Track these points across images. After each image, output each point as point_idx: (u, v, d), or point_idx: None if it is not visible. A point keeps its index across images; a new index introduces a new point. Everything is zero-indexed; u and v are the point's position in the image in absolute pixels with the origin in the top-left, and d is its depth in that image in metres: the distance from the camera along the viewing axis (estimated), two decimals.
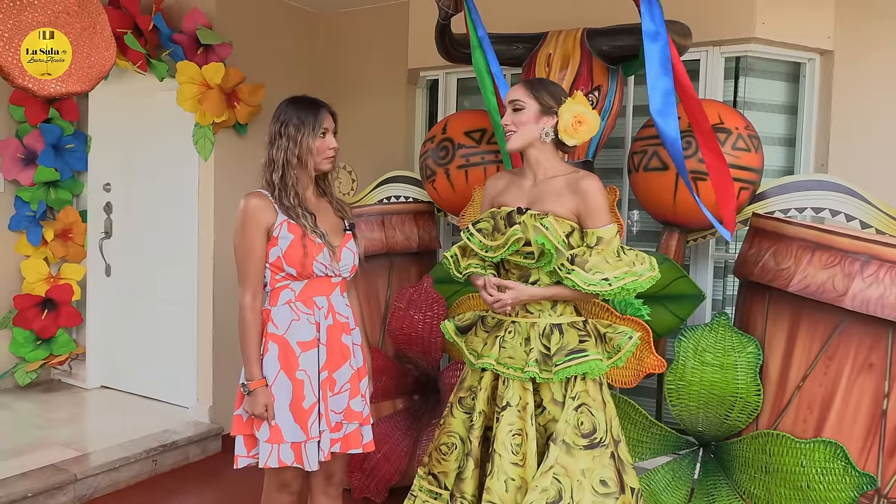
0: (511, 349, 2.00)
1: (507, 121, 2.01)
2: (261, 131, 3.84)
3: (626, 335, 2.01)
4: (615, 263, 1.91)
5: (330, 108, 2.11)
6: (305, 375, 2.03)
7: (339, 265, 2.08)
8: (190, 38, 3.55)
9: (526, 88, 2.00)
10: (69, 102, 4.28)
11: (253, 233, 2.02)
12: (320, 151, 2.07)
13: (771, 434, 2.32)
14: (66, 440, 3.46)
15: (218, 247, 3.76)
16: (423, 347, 2.99)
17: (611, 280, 1.90)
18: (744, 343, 2.42)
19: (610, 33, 2.69)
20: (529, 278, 2.01)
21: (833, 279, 2.21)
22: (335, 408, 2.08)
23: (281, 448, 2.02)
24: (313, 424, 2.02)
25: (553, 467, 1.89)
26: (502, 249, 1.99)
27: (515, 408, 1.96)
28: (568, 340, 1.97)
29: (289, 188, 2.04)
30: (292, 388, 2.02)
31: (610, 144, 3.00)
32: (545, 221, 1.93)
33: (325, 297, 2.08)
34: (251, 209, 2.03)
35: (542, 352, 1.97)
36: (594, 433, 1.94)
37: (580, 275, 1.90)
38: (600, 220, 1.94)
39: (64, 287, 4.29)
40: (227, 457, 3.66)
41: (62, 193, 4.31)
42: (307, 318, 2.06)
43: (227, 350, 3.79)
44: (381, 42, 4.05)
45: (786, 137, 3.21)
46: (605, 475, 1.93)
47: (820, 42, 3.02)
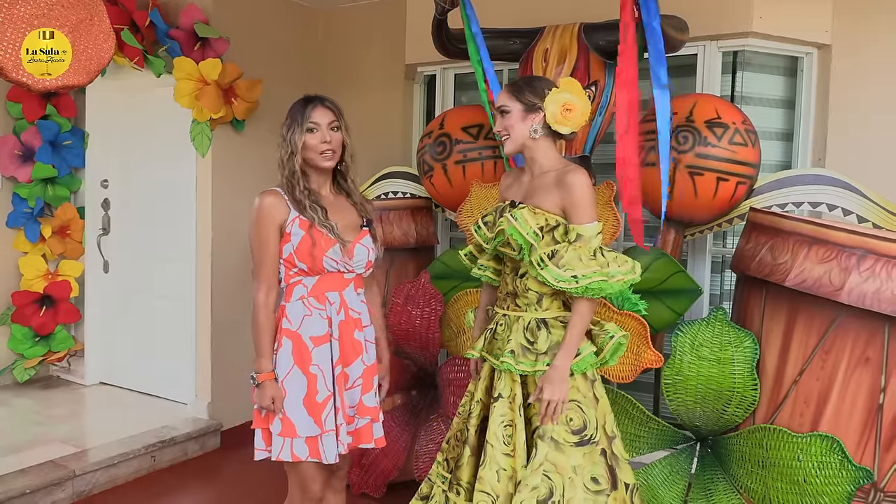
0: (501, 340, 2.05)
1: (498, 127, 2.05)
2: (258, 127, 3.85)
3: (609, 334, 1.99)
4: (587, 262, 1.89)
5: (327, 101, 2.09)
6: (319, 370, 2.05)
7: (351, 261, 2.09)
8: (187, 33, 3.54)
9: (508, 92, 2.03)
10: (66, 99, 4.28)
11: (267, 229, 2.04)
12: (311, 147, 2.05)
13: (768, 428, 2.33)
14: (64, 436, 3.46)
15: (216, 243, 3.76)
16: (421, 343, 3.00)
17: (578, 277, 1.87)
18: (741, 338, 2.42)
19: (607, 28, 2.69)
20: (520, 270, 2.03)
21: (830, 273, 2.21)
22: (348, 402, 2.11)
23: (294, 442, 2.03)
24: (328, 417, 2.04)
25: (543, 464, 1.90)
26: (493, 241, 2.05)
27: (507, 399, 1.99)
28: (556, 338, 1.98)
29: (295, 186, 2.05)
30: (307, 383, 2.04)
31: (607, 140, 3.00)
32: (516, 213, 1.95)
33: (337, 292, 2.09)
34: (265, 206, 2.04)
35: (522, 344, 1.99)
36: (584, 430, 1.96)
37: (551, 271, 1.90)
38: (584, 216, 1.91)
39: (62, 284, 4.29)
40: (226, 453, 3.68)
41: (60, 190, 4.31)
42: (319, 314, 2.07)
43: (225, 346, 3.79)
44: (378, 37, 4.04)
45: (783, 132, 3.21)
46: (596, 472, 1.94)
47: (817, 36, 3.02)
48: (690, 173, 2.61)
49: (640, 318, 2.39)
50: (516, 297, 2.04)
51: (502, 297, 2.11)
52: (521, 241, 1.94)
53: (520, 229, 1.93)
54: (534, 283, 2.01)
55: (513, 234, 1.94)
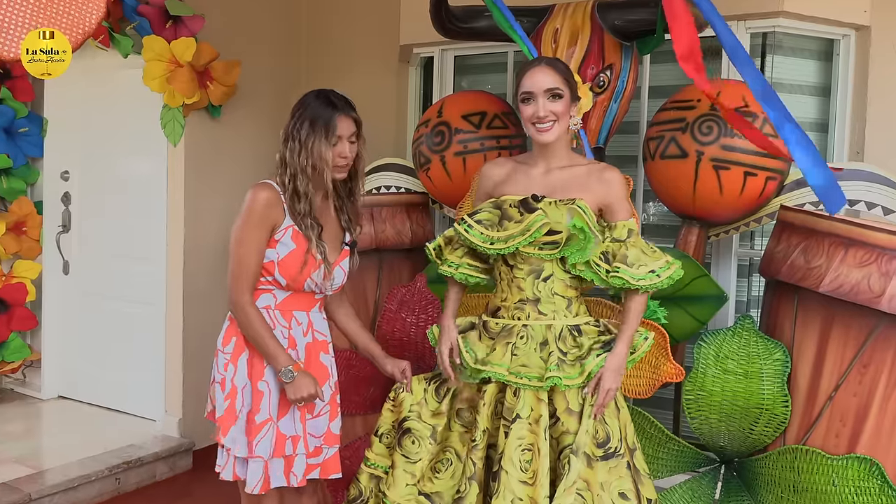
0: (524, 356, 2.00)
1: (543, 111, 1.99)
2: (236, 114, 3.84)
3: (642, 335, 2.07)
4: (653, 255, 2.01)
5: (351, 111, 2.09)
6: (267, 388, 2.08)
7: (328, 283, 2.13)
8: (157, 9, 3.53)
9: (559, 73, 2.03)
10: (23, 81, 4.26)
11: (259, 228, 2.04)
12: (328, 160, 2.06)
13: (800, 450, 2.33)
14: (19, 456, 3.45)
15: (189, 241, 3.75)
16: (417, 353, 2.99)
17: (657, 271, 1.99)
18: (770, 349, 2.43)
19: (624, 6, 2.69)
20: (542, 273, 2.02)
21: (869, 279, 2.22)
22: (314, 432, 2.14)
23: (237, 461, 2.08)
24: (260, 443, 2.05)
25: (576, 482, 1.90)
26: (520, 238, 1.97)
27: (526, 420, 1.96)
28: (583, 340, 2.02)
29: (301, 195, 2.06)
30: (251, 399, 2.07)
31: (623, 130, 3.00)
32: (581, 203, 1.96)
33: (305, 312, 2.15)
34: (262, 202, 2.04)
35: (559, 357, 1.98)
36: (608, 442, 1.97)
37: (626, 271, 1.97)
38: (627, 211, 2.04)
39: (17, 286, 4.27)
40: (198, 475, 3.67)
41: (15, 182, 4.29)
42: (281, 330, 2.10)
43: (198, 356, 3.78)
44: (369, 14, 4.04)
45: (817, 122, 3.22)
46: (624, 487, 1.95)
47: (855, 16, 3.03)
48: (715, 167, 2.61)
49: (660, 328, 2.39)
50: (538, 303, 2.03)
51: (513, 304, 2.07)
52: (588, 232, 1.95)
53: (589, 222, 1.95)
54: (561, 286, 2.01)
55: (581, 226, 1.94)
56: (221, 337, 2.16)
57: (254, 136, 3.94)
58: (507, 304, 2.09)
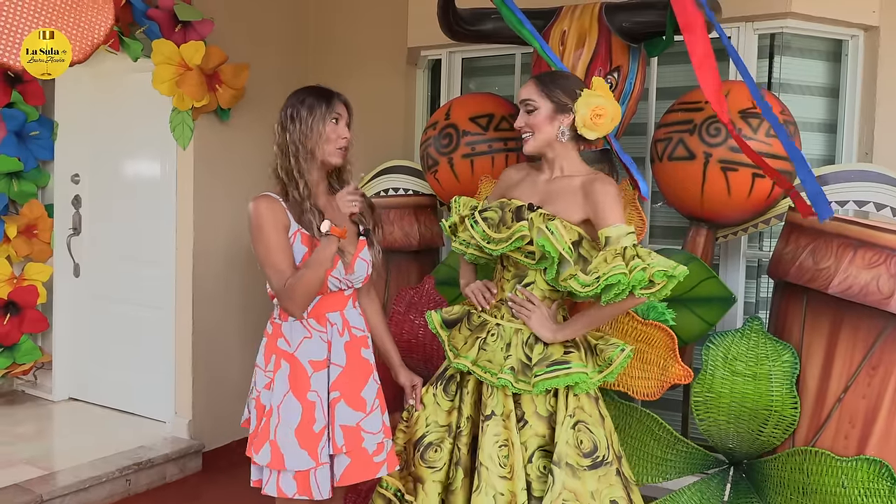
0: (491, 353, 2.06)
1: (520, 123, 2.06)
2: (245, 117, 3.86)
3: (619, 347, 2.05)
4: (612, 261, 1.89)
5: (344, 98, 2.15)
6: (317, 397, 2.07)
7: (352, 277, 2.12)
8: (167, 13, 3.56)
9: (537, 86, 2.04)
10: (34, 85, 4.29)
11: (276, 230, 2.04)
12: (330, 139, 2.08)
13: (809, 451, 2.33)
14: (30, 457, 3.47)
15: (198, 245, 3.77)
16: (425, 355, 3.00)
17: (600, 276, 1.87)
18: (779, 351, 2.42)
19: (631, 8, 2.70)
20: (525, 279, 2.05)
21: (878, 280, 2.22)
22: (371, 429, 2.12)
23: (282, 477, 2.04)
24: (323, 449, 2.05)
25: (562, 493, 1.92)
26: (504, 244, 2.04)
27: (500, 417, 2.02)
28: (552, 351, 2.01)
29: (296, 178, 2.05)
30: (301, 411, 2.05)
31: (631, 131, 3.00)
32: (551, 225, 1.96)
33: (338, 312, 2.13)
34: (266, 209, 2.04)
35: (521, 361, 2.02)
36: (595, 451, 1.99)
37: (579, 278, 1.91)
38: (611, 217, 1.95)
39: (28, 289, 4.30)
40: (208, 476, 3.69)
41: (26, 185, 4.32)
42: (319, 336, 2.09)
43: (207, 358, 3.80)
44: (377, 17, 4.05)
45: (826, 123, 3.21)
46: (615, 494, 1.97)
47: (864, 17, 3.02)
48: (723, 168, 2.61)
49: (667, 329, 2.39)
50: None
51: (495, 304, 2.14)
52: (554, 254, 1.94)
53: (555, 243, 1.94)
54: (540, 295, 2.04)
55: (544, 244, 1.94)
56: (261, 355, 2.15)
57: (263, 139, 3.89)
58: (492, 303, 2.16)
